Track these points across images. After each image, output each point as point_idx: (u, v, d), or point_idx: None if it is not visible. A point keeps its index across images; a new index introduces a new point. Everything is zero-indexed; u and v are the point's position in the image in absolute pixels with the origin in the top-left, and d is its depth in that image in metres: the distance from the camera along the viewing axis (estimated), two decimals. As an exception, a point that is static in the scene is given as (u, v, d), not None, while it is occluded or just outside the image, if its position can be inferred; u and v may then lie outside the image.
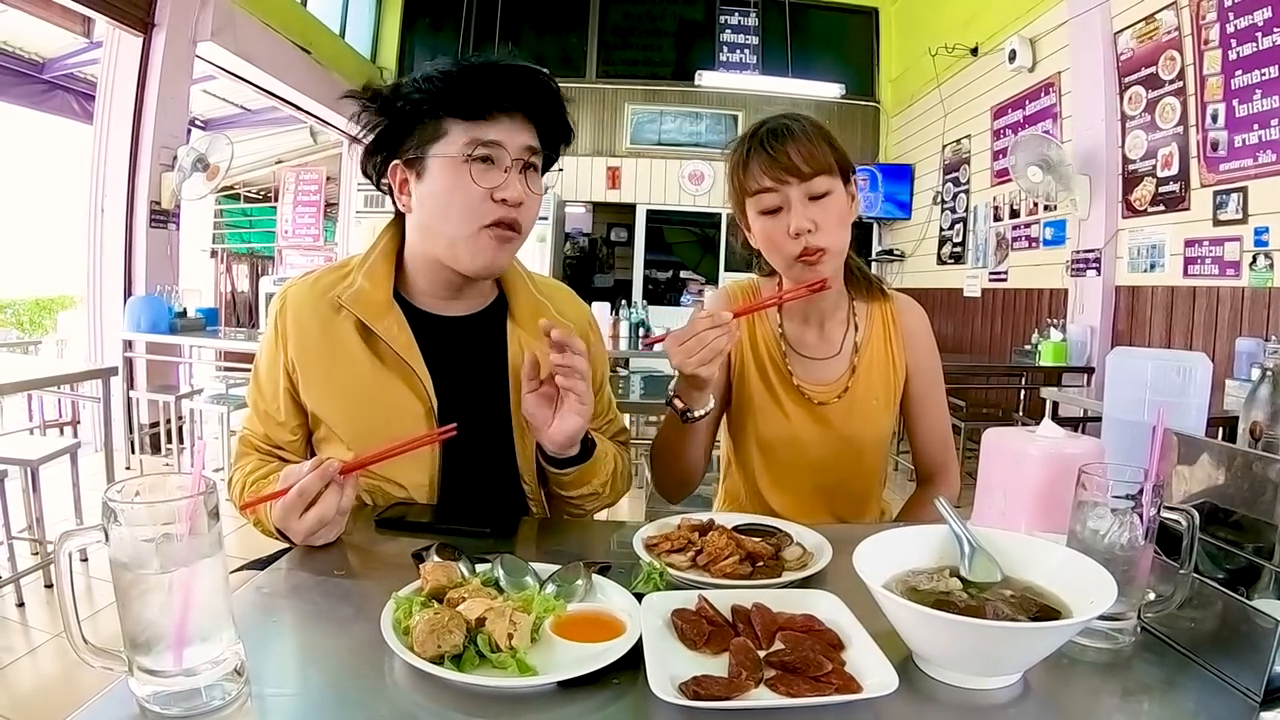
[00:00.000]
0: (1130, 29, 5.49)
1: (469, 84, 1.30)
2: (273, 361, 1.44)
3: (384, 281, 1.43)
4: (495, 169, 1.32)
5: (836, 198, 1.52)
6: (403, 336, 1.40)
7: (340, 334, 1.40)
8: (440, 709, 0.77)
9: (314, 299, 1.43)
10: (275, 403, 1.45)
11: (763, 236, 1.57)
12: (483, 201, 1.31)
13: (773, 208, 1.53)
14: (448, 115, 1.31)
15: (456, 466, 1.45)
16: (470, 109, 1.30)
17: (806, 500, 1.69)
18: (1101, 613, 0.79)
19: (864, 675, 0.79)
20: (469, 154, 1.30)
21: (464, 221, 1.33)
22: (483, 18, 9.94)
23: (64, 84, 7.57)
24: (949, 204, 8.44)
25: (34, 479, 3.51)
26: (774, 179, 1.50)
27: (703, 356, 1.32)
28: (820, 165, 1.50)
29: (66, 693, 2.74)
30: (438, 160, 1.32)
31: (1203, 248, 4.92)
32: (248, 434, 1.51)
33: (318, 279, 1.46)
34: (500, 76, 1.31)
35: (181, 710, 0.74)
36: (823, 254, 1.51)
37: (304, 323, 1.42)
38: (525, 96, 1.34)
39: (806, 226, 1.48)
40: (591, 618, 0.92)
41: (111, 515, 0.73)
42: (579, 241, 12.53)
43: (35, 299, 10.58)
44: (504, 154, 1.32)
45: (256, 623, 0.94)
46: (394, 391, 1.40)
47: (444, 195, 1.32)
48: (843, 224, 1.55)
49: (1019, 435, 1.18)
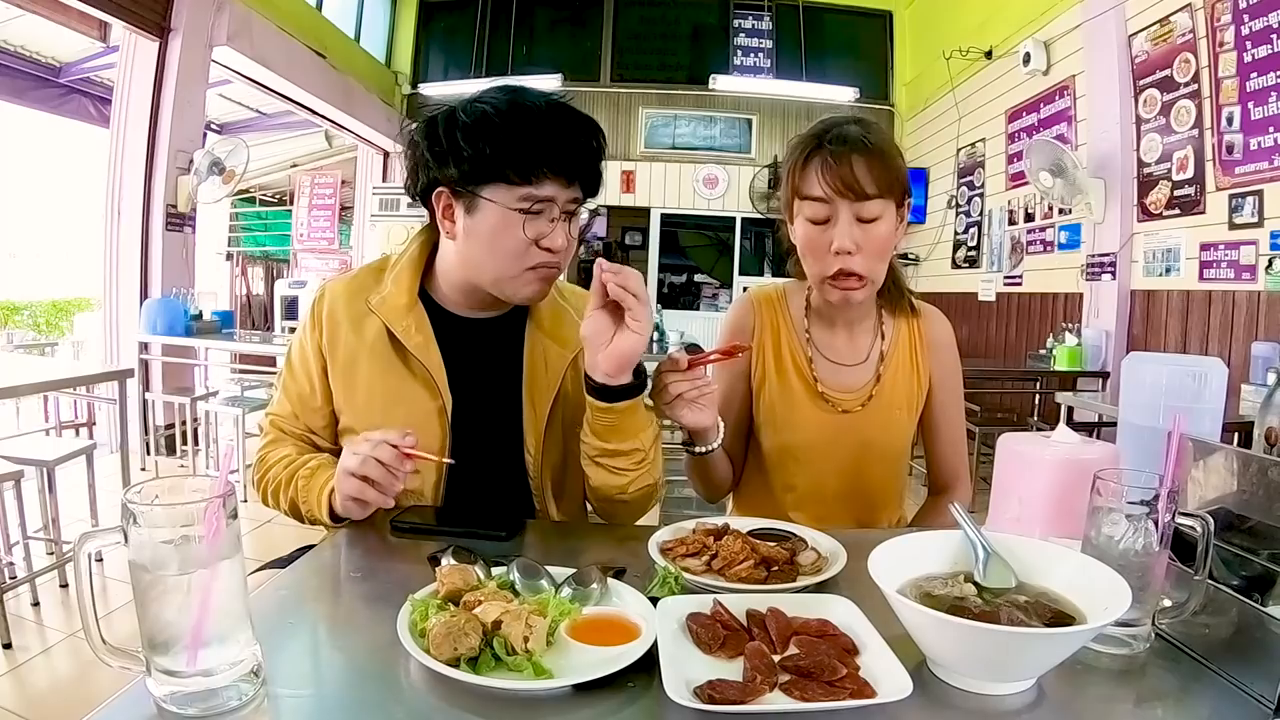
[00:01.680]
0: (1145, 31, 5.46)
1: (531, 142, 1.32)
2: (308, 347, 1.51)
3: (409, 287, 1.49)
4: (542, 219, 1.35)
5: (885, 224, 1.49)
6: (419, 336, 1.46)
7: (369, 333, 1.48)
8: (456, 711, 0.78)
9: (348, 297, 1.51)
10: (309, 386, 1.51)
11: (804, 241, 1.55)
12: (529, 249, 1.36)
13: (820, 219, 1.50)
14: (506, 167, 1.32)
15: (464, 463, 1.46)
16: (528, 170, 1.32)
17: (825, 506, 1.68)
18: (1116, 619, 0.79)
19: (878, 680, 0.79)
20: (524, 208, 1.33)
21: (510, 262, 1.37)
22: (497, 22, 9.98)
23: (81, 88, 7.63)
24: (964, 208, 8.41)
25: (50, 479, 3.53)
26: (828, 190, 1.47)
27: (662, 396, 1.36)
28: (879, 187, 1.45)
29: (81, 691, 2.76)
30: (491, 204, 1.34)
31: (1218, 251, 4.89)
32: (276, 417, 1.55)
33: (355, 277, 1.55)
34: (556, 140, 1.33)
35: (199, 710, 0.75)
36: (856, 281, 1.50)
37: (337, 317, 1.50)
38: (573, 161, 1.36)
39: (849, 247, 1.46)
40: (607, 621, 0.93)
41: (131, 517, 0.74)
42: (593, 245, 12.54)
43: (52, 301, 10.66)
44: (554, 208, 1.36)
45: (274, 624, 0.95)
46: (411, 389, 1.46)
47: (493, 236, 1.36)
48: (884, 255, 1.53)
49: (1034, 441, 1.18)
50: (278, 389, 1.58)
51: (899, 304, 1.71)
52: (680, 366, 1.35)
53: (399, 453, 1.23)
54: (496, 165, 1.31)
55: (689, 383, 1.35)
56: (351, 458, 1.23)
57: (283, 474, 1.44)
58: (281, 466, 1.45)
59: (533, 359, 1.52)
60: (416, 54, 10.51)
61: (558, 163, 1.34)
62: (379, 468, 1.22)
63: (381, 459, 1.22)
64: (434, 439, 1.45)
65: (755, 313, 1.73)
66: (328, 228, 10.72)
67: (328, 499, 1.32)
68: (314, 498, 1.35)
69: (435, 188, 1.39)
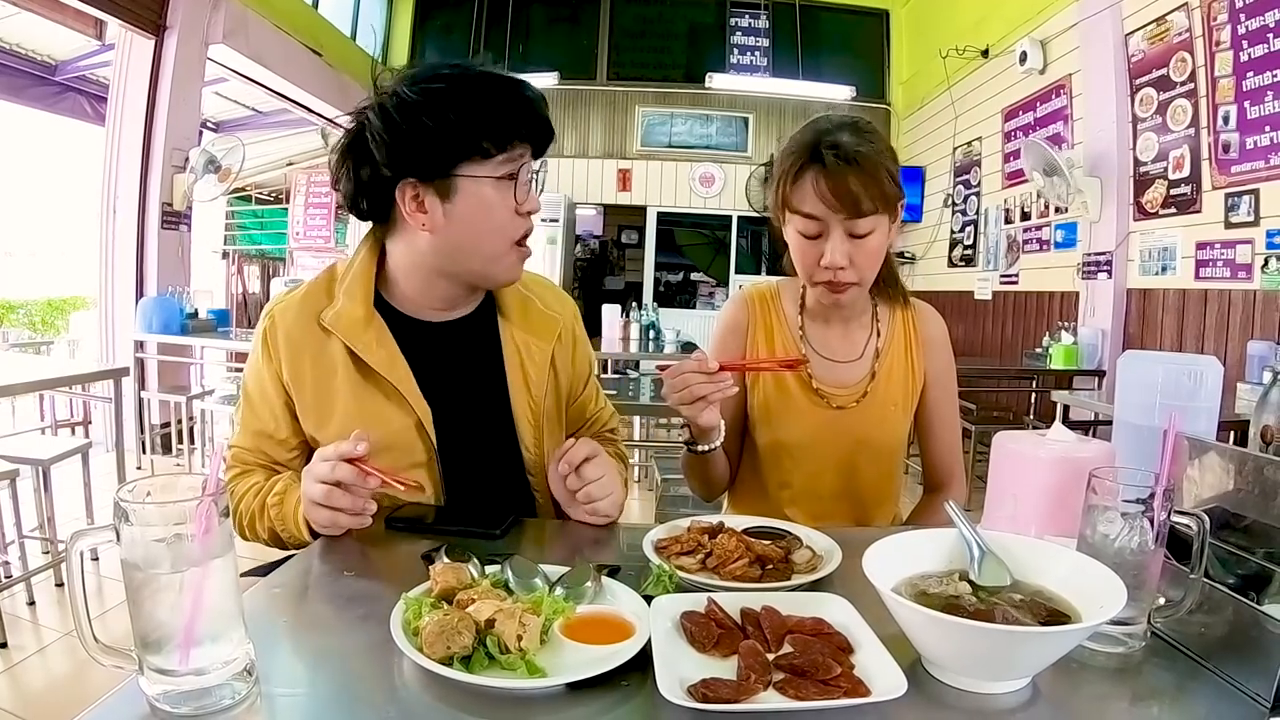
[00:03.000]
0: (1141, 30, 5.47)
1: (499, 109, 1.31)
2: (266, 380, 1.43)
3: (363, 298, 1.41)
4: (520, 185, 1.35)
5: (878, 236, 1.48)
6: (382, 351, 1.40)
7: (331, 355, 1.40)
8: (449, 710, 0.77)
9: (303, 321, 1.41)
10: (272, 422, 1.43)
11: (795, 249, 1.55)
12: (512, 218, 1.36)
13: (812, 234, 1.49)
14: (481, 138, 1.30)
15: (459, 469, 1.46)
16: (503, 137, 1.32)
17: (820, 504, 1.68)
18: (1111, 617, 0.79)
19: (873, 679, 0.79)
20: (507, 174, 1.33)
21: (500, 240, 1.37)
22: (493, 20, 9.97)
23: (76, 86, 7.60)
24: (960, 206, 8.42)
25: (45, 478, 3.53)
26: (820, 208, 1.45)
27: (683, 397, 1.35)
28: (872, 204, 1.44)
29: (76, 691, 2.76)
30: (470, 181, 1.31)
31: (1214, 250, 4.90)
32: (239, 450, 1.46)
33: (304, 297, 1.44)
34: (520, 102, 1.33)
35: (191, 709, 0.75)
36: (848, 288, 1.51)
37: (296, 345, 1.41)
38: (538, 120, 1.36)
39: (841, 263, 1.47)
40: (600, 620, 0.92)
41: (123, 515, 0.73)
42: (589, 244, 12.54)
43: (47, 300, 10.63)
44: (526, 170, 1.36)
45: (267, 623, 0.95)
46: (384, 407, 1.40)
47: (482, 215, 1.33)
48: (876, 264, 1.53)
49: (1029, 439, 1.18)
50: (237, 421, 1.49)
51: (894, 300, 1.71)
52: (710, 369, 1.34)
53: (358, 470, 1.20)
54: (471, 139, 1.29)
55: (714, 385, 1.34)
56: (315, 487, 1.20)
57: (254, 503, 1.37)
58: (252, 495, 1.38)
59: (512, 355, 1.50)
60: (412, 52, 10.47)
61: (525, 124, 1.34)
62: (344, 496, 1.20)
63: (343, 480, 1.19)
64: (419, 454, 1.42)
65: (750, 310, 1.73)
66: (324, 226, 10.69)
67: (304, 520, 1.28)
68: (290, 522, 1.31)
69: (397, 182, 1.32)
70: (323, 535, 1.27)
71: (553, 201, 9.54)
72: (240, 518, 1.38)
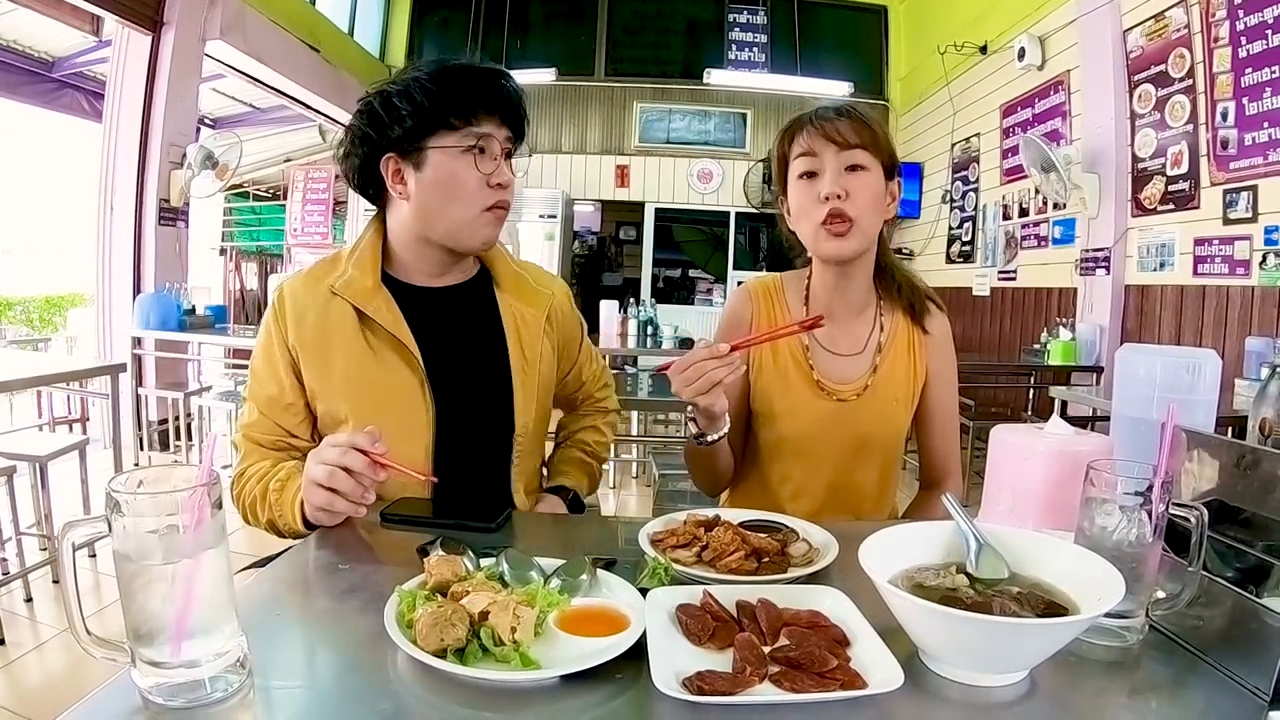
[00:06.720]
0: (1140, 27, 5.46)
1: (464, 88, 1.46)
2: (274, 348, 1.51)
3: (372, 268, 1.54)
4: (487, 157, 1.48)
5: (873, 176, 1.54)
6: (390, 314, 1.50)
7: (336, 319, 1.50)
8: (443, 702, 0.77)
9: (309, 289, 1.53)
10: (276, 387, 1.51)
11: (795, 204, 1.60)
12: (481, 187, 1.48)
13: (808, 171, 1.56)
14: (447, 113, 1.44)
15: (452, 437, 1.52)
16: (466, 111, 1.45)
17: (819, 498, 1.68)
18: (1109, 610, 0.78)
19: (869, 672, 0.79)
20: (469, 145, 1.46)
21: (465, 206, 1.48)
22: (491, 16, 9.96)
23: (73, 82, 7.59)
24: (958, 203, 8.41)
25: (43, 475, 3.53)
26: (814, 142, 1.54)
27: (699, 386, 1.33)
28: (863, 140, 1.53)
29: (74, 687, 2.74)
30: (438, 152, 1.45)
31: (1212, 246, 4.89)
32: (248, 428, 1.53)
33: (311, 272, 1.57)
34: (486, 82, 1.48)
35: (184, 702, 0.74)
36: (850, 225, 1.52)
37: (302, 312, 1.51)
38: (504, 99, 1.50)
39: (837, 191, 1.51)
40: (595, 612, 0.92)
41: (115, 506, 0.73)
42: (588, 240, 12.54)
43: (45, 296, 10.65)
44: (495, 145, 1.49)
45: (261, 615, 0.94)
46: (388, 367, 1.49)
47: (447, 182, 1.47)
48: (875, 207, 1.56)
49: (1027, 432, 1.17)
50: (246, 402, 1.56)
51: (898, 293, 1.71)
52: (721, 353, 1.33)
53: (370, 461, 1.21)
54: (437, 113, 1.44)
55: (728, 367, 1.33)
56: (318, 468, 1.22)
57: (256, 488, 1.41)
58: (255, 480, 1.43)
59: (510, 320, 1.61)
60: (410, 48, 10.46)
61: (490, 101, 1.47)
62: (347, 479, 1.20)
63: (350, 467, 1.20)
64: (418, 414, 1.49)
65: (753, 303, 1.74)
66: (321, 222, 10.66)
67: (299, 507, 1.30)
68: (287, 509, 1.33)
69: (381, 156, 1.48)
70: (317, 528, 1.28)
71: (551, 198, 9.54)
72: (243, 500, 1.45)
